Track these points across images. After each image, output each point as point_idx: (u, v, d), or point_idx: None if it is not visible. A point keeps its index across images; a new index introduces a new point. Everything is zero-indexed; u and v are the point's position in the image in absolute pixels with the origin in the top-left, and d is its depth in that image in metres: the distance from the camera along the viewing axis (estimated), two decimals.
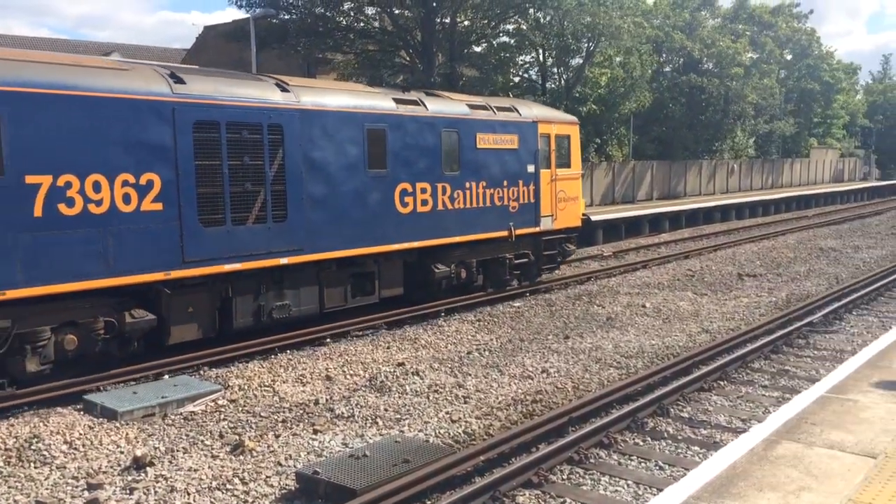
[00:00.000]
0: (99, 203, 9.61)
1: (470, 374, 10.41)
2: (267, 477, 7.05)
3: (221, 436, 8.18)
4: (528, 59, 35.39)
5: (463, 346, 12.07)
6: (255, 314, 11.66)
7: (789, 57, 56.06)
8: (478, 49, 32.68)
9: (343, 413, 8.84)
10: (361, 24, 29.85)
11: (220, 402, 9.29)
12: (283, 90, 12.02)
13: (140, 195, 10.01)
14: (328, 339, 12.45)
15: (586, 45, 32.68)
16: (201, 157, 10.63)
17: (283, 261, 11.74)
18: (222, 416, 8.81)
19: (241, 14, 29.72)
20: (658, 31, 38.86)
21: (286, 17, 28.39)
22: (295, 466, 7.24)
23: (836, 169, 65.20)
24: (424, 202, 14.07)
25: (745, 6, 51.70)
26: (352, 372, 10.59)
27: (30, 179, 9.00)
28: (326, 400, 9.35)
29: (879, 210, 41.22)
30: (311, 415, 8.79)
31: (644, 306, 15.01)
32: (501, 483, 6.74)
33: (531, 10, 30.32)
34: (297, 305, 12.20)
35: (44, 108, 9.13)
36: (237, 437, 8.04)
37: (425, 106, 14.34)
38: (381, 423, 8.53)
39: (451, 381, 10.10)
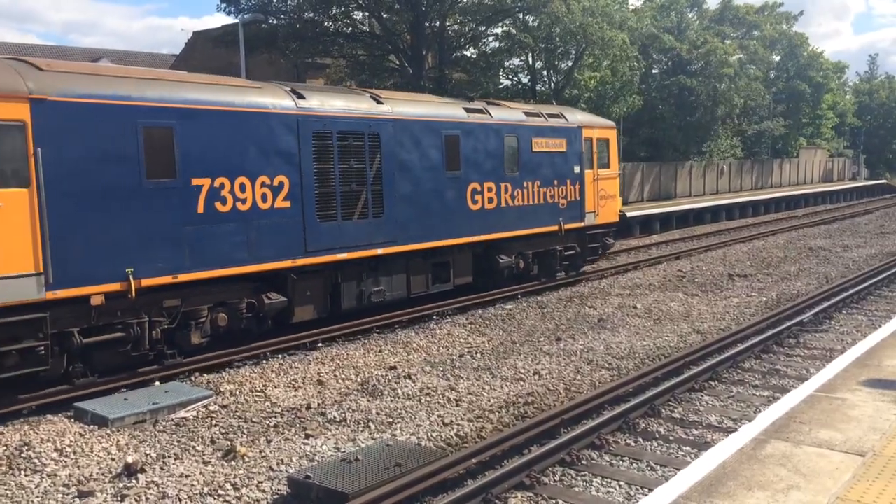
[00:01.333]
0: (244, 201, 11.41)
1: (462, 377, 10.42)
2: (259, 482, 7.05)
3: (213, 441, 8.17)
4: (517, 62, 35.48)
5: (455, 349, 12.08)
6: (358, 298, 13.36)
7: (777, 58, 56.33)
8: (467, 53, 32.75)
9: (335, 417, 8.83)
10: (350, 29, 29.87)
11: (211, 408, 9.27)
12: (379, 102, 13.84)
13: (274, 194, 11.82)
14: (320, 344, 12.44)
15: (575, 48, 32.77)
16: (319, 162, 12.47)
17: (380, 251, 13.49)
18: (214, 422, 8.80)
19: (229, 19, 29.69)
20: (644, 35, 38.97)
21: (275, 21, 28.39)
22: (287, 471, 7.23)
23: (826, 169, 65.55)
24: (490, 200, 15.90)
25: (730, 7, 51.90)
26: (343, 376, 10.59)
27: (195, 182, 10.78)
28: (318, 404, 9.35)
29: (868, 209, 41.48)
30: (302, 419, 8.79)
31: (635, 307, 15.06)
32: (493, 485, 6.76)
33: (520, 14, 30.41)
34: (390, 291, 13.94)
35: (202, 121, 10.87)
36: (229, 443, 8.03)
37: (490, 114, 16.16)
38: (373, 426, 8.53)
39: (442, 384, 10.11)
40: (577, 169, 18.28)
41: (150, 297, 10.40)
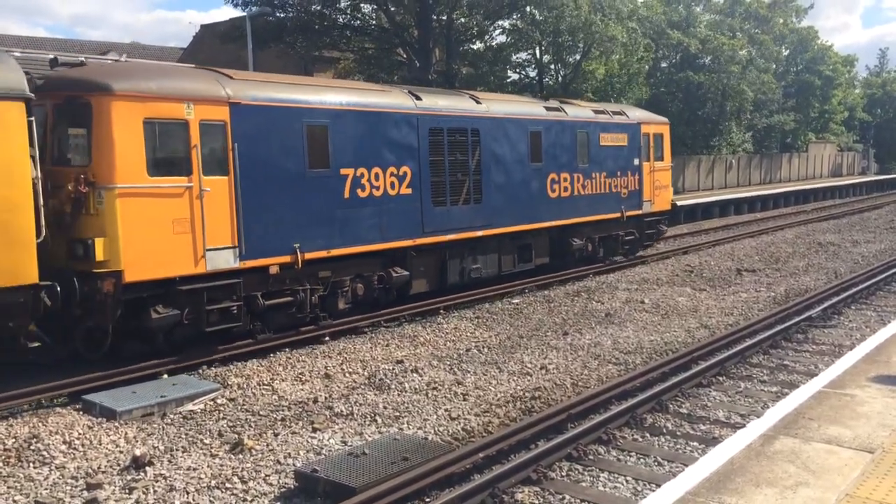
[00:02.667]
0: (378, 188, 13.32)
1: (469, 372, 10.42)
2: (266, 475, 7.06)
3: (220, 434, 8.19)
4: (524, 56, 35.39)
5: (462, 344, 12.08)
6: (460, 274, 15.29)
7: (786, 52, 55.99)
8: (475, 46, 32.65)
9: (342, 411, 8.85)
10: (358, 22, 29.82)
11: (219, 401, 9.30)
12: (478, 102, 15.88)
13: (399, 183, 13.74)
14: (326, 338, 12.45)
15: (582, 42, 32.64)
16: (433, 155, 14.42)
17: (479, 233, 15.52)
18: (221, 415, 8.82)
19: (237, 13, 29.64)
20: (653, 28, 38.78)
21: (283, 15, 28.37)
22: (294, 465, 7.24)
23: (835, 163, 65.23)
24: (565, 189, 17.81)
25: (740, 1, 51.58)
26: (351, 370, 10.60)
27: (342, 171, 12.71)
28: (325, 398, 9.36)
29: (878, 204, 41.22)
30: (310, 413, 8.80)
31: (643, 302, 15.01)
32: (500, 480, 6.75)
33: (527, 8, 30.29)
34: (485, 268, 15.89)
35: (348, 120, 12.82)
36: (236, 436, 8.05)
37: (565, 112, 18.12)
38: (379, 420, 8.54)
39: (449, 378, 10.11)
40: (636, 161, 20.14)
41: (310, 269, 12.33)
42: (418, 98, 14.46)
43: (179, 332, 10.78)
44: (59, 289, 9.39)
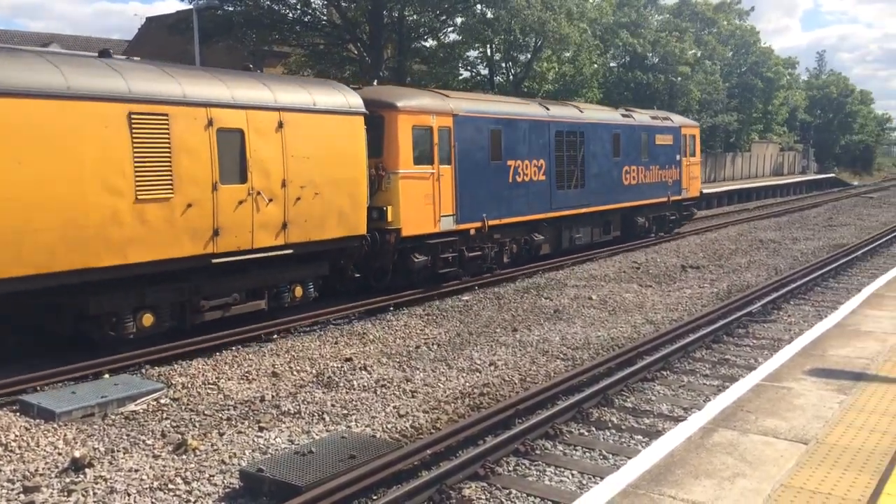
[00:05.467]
0: (527, 175, 18.18)
1: (418, 369, 10.42)
2: (210, 476, 6.96)
3: (164, 435, 8.04)
4: (476, 54, 35.50)
5: (412, 341, 12.08)
6: (569, 241, 20.29)
7: (730, 53, 57.26)
8: (427, 44, 32.62)
9: (289, 410, 8.77)
10: (308, 18, 29.53)
11: (162, 401, 9.13)
12: (580, 111, 21.17)
13: (538, 171, 18.62)
14: (275, 336, 12.32)
15: (534, 41, 32.88)
16: (557, 151, 19.39)
17: (583, 210, 20.51)
18: (165, 415, 8.66)
19: (183, 5, 29.11)
20: (602, 29, 39.28)
21: (231, 8, 27.91)
22: (239, 464, 7.15)
23: (777, 163, 66.98)
24: (634, 178, 22.93)
25: (688, 3, 52.63)
26: (299, 368, 10.51)
27: (509, 163, 17.57)
28: (272, 397, 9.26)
29: (817, 203, 42.49)
30: (256, 412, 8.70)
31: (591, 298, 15.22)
32: (448, 476, 6.77)
33: (479, 6, 30.38)
34: (584, 238, 20.95)
35: (511, 125, 17.76)
36: (180, 436, 7.91)
37: (633, 118, 23.40)
38: (327, 418, 8.48)
39: (399, 375, 10.11)
40: (677, 157, 25.38)
41: (490, 233, 17.11)
42: (547, 108, 19.51)
43: (424, 272, 15.44)
44: (369, 239, 14.11)
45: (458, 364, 10.64)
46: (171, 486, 6.76)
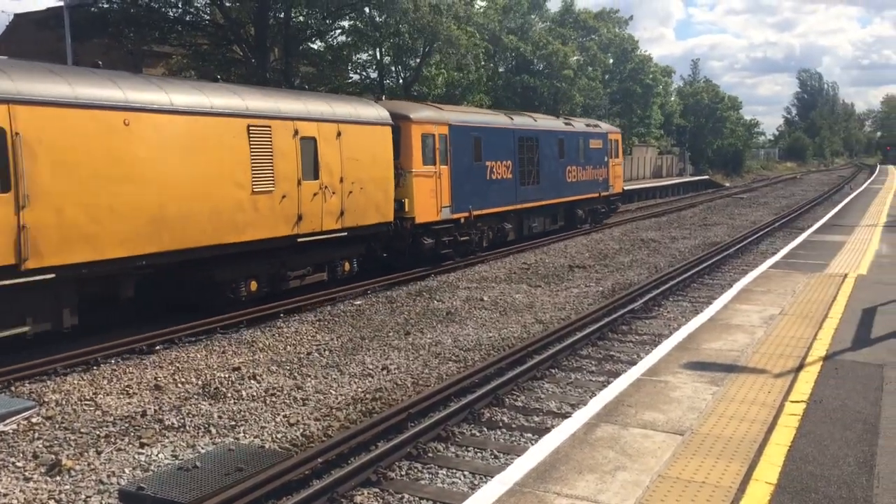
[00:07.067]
0: (499, 174, 21.85)
1: (309, 376, 10.27)
2: (87, 497, 6.61)
3: (36, 456, 7.57)
4: (365, 57, 35.35)
5: (303, 347, 11.89)
6: (528, 229, 24.14)
7: (611, 61, 59.46)
8: (314, 46, 32.20)
9: (173, 423, 8.44)
10: (190, 17, 28.57)
11: (34, 420, 8.59)
12: (535, 121, 25.35)
13: (507, 170, 22.35)
14: (158, 346, 11.84)
15: (423, 45, 33.06)
16: (520, 153, 23.15)
17: (538, 203, 24.41)
18: (37, 435, 8.16)
19: (54, 1, 27.51)
20: (489, 34, 39.94)
21: (106, 5, 26.63)
22: (118, 483, 6.83)
23: (655, 166, 70.00)
24: (574, 176, 27.11)
25: (570, 11, 54.35)
26: (183, 380, 10.14)
27: (487, 163, 21.22)
28: (155, 411, 8.89)
29: (693, 203, 44.71)
30: (137, 427, 8.33)
31: (482, 300, 15.44)
32: (339, 484, 6.71)
33: (366, 9, 30.28)
34: (538, 227, 24.83)
35: (487, 132, 21.54)
36: (53, 457, 7.48)
37: (573, 126, 28.02)
38: (214, 431, 8.23)
39: (289, 383, 9.92)
40: (606, 158, 29.92)
41: (474, 221, 20.57)
42: (511, 118, 23.63)
43: (430, 252, 18.81)
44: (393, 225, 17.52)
45: (351, 370, 10.55)
46: None
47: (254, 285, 14.18)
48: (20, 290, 10.18)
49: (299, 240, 14.88)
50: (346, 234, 16.11)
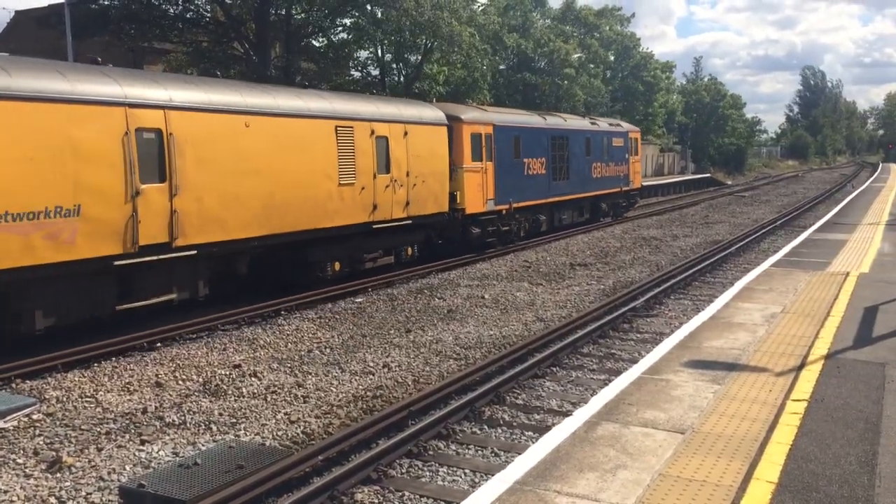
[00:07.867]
0: (534, 169, 23.83)
1: (310, 373, 10.27)
2: (87, 494, 6.61)
3: (36, 453, 7.57)
4: (366, 54, 35.32)
5: (303, 345, 11.88)
6: (559, 221, 26.33)
7: (612, 58, 59.43)
8: (316, 43, 32.18)
9: (174, 421, 8.44)
10: (191, 14, 28.55)
11: (34, 417, 8.60)
12: (565, 121, 27.23)
13: (541, 167, 24.36)
14: (158, 344, 11.84)
15: (424, 42, 33.02)
16: (552, 151, 25.22)
17: (567, 197, 26.56)
18: (38, 432, 8.16)
19: None
20: (490, 34, 39.91)
21: (107, 3, 26.62)
22: (119, 481, 6.83)
23: (657, 163, 69.94)
24: (599, 172, 29.20)
25: (572, 8, 54.29)
26: (184, 377, 10.14)
27: (524, 160, 23.31)
28: (156, 408, 8.89)
29: (695, 201, 44.64)
30: (138, 424, 8.33)
31: (483, 297, 15.43)
32: (340, 482, 6.70)
33: (368, 6, 30.24)
34: (567, 219, 26.95)
35: (526, 132, 23.69)
36: (54, 454, 7.47)
37: (598, 125, 30.19)
38: (215, 428, 8.22)
39: (290, 380, 9.92)
40: (626, 156, 31.98)
41: (513, 213, 22.59)
42: (545, 119, 25.70)
43: (477, 241, 20.80)
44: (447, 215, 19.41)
45: (351, 367, 10.55)
46: None
47: (337, 265, 16.18)
48: (172, 264, 12.29)
49: (374, 226, 16.96)
50: (410, 221, 18.18)
